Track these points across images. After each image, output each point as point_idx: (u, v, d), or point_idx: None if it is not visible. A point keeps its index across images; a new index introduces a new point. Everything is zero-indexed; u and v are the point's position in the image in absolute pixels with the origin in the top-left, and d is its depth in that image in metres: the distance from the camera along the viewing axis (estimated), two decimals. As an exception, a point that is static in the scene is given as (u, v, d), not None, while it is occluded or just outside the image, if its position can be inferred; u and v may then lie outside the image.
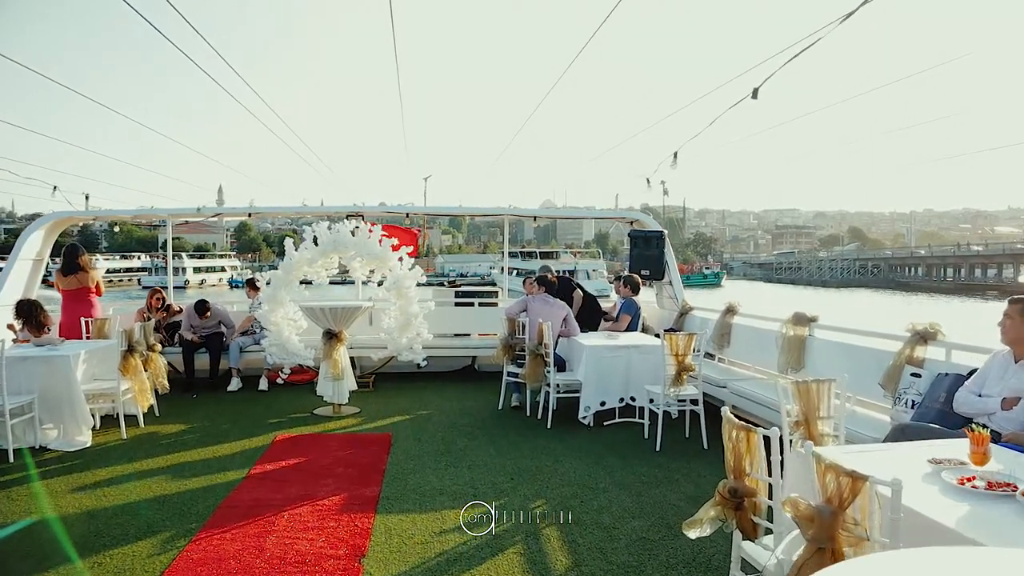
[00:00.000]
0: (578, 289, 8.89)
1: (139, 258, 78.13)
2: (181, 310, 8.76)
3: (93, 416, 6.38)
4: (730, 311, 7.63)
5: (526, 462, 5.47)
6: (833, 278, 79.03)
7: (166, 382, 6.92)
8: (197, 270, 68.50)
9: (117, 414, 6.29)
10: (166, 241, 10.20)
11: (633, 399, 6.67)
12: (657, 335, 8.01)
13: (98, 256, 77.03)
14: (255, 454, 5.68)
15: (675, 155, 7.81)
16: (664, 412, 5.96)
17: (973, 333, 5.17)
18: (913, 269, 75.09)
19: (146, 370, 6.76)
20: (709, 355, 7.47)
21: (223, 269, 75.59)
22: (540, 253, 68.87)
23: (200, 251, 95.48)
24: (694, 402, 6.03)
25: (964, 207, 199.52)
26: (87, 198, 9.03)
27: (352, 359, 9.19)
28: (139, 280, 64.41)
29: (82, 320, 7.46)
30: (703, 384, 6.09)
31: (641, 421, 6.53)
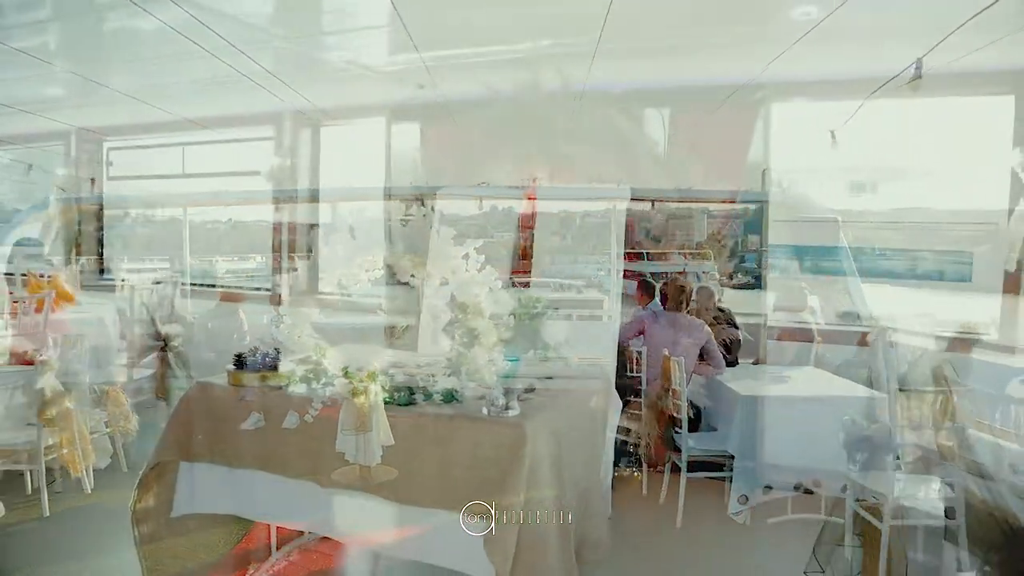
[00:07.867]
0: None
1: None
2: None
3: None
4: (965, 339, 4.81)
5: (643, 617, 3.08)
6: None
7: (131, 426, 4.95)
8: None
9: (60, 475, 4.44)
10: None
11: (818, 484, 4.11)
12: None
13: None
14: None
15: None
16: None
17: None
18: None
19: (102, 408, 4.87)
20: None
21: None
22: (647, 254, 65.44)
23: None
24: (948, 512, 3.37)
25: None
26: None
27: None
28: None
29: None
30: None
31: (833, 519, 3.96)
